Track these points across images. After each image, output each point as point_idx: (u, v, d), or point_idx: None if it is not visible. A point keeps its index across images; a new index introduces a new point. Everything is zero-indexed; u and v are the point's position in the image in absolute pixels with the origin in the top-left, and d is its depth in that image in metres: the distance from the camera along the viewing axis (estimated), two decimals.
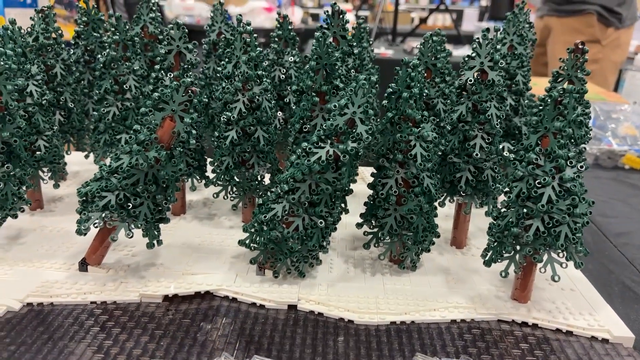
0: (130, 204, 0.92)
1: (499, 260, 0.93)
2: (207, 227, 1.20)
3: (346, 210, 1.02)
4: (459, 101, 1.03)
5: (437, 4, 4.92)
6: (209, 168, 1.18)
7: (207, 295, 0.96)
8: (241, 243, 0.99)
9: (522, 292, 0.95)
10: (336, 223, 0.97)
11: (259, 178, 1.15)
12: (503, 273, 0.92)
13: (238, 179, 1.14)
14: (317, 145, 0.91)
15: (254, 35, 1.08)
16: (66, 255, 1.04)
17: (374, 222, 1.02)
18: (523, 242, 0.89)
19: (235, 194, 1.17)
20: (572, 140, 0.90)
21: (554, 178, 0.86)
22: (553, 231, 0.86)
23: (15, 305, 0.89)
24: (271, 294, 0.94)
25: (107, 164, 0.92)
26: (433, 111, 1.09)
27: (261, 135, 1.10)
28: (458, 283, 1.01)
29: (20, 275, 0.97)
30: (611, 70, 2.87)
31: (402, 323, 0.90)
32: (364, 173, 1.60)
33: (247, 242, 0.98)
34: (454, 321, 0.92)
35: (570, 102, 0.86)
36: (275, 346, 0.84)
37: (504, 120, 1.15)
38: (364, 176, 1.57)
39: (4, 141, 0.95)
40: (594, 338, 0.89)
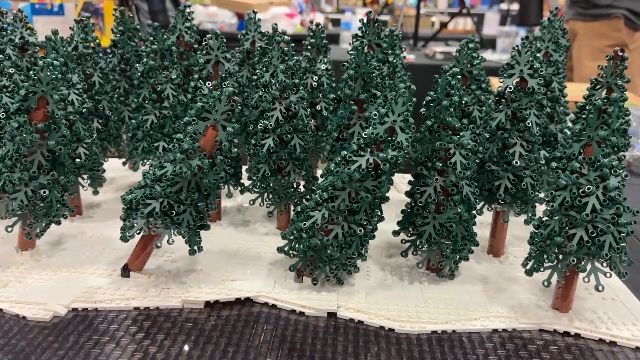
0: (173, 211, 0.93)
1: (541, 269, 0.92)
2: (243, 234, 1.21)
3: (382, 217, 1.02)
4: (498, 109, 1.03)
5: (459, 8, 4.90)
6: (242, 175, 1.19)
7: (247, 301, 0.97)
8: (280, 250, 1.00)
9: (564, 302, 0.94)
10: (375, 231, 0.97)
11: (295, 185, 1.16)
12: (546, 282, 0.91)
13: (274, 186, 1.15)
14: (357, 153, 0.91)
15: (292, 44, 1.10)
16: (107, 261, 1.06)
17: (412, 230, 1.02)
18: (566, 252, 0.88)
19: (270, 201, 1.18)
20: (615, 148, 0.90)
21: (598, 187, 0.85)
22: (597, 240, 0.85)
23: (61, 310, 0.91)
24: (310, 301, 0.95)
25: (152, 172, 0.94)
26: (469, 118, 1.09)
27: (297, 142, 1.11)
28: (497, 292, 1.01)
29: (64, 280, 0.99)
30: (638, 74, 2.83)
31: (443, 332, 0.90)
32: (394, 179, 1.60)
33: (286, 249, 0.99)
34: (495, 330, 0.91)
35: (614, 111, 0.85)
36: (317, 353, 0.84)
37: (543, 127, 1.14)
38: (395, 183, 1.57)
39: (50, 149, 0.97)
40: (639, 349, 0.88)
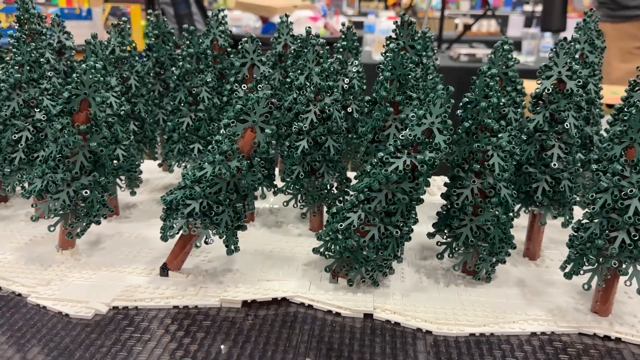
0: (212, 212, 0.95)
1: (581, 272, 0.91)
2: (277, 235, 1.22)
3: (416, 219, 1.02)
4: (535, 110, 1.02)
5: (484, 10, 4.86)
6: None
7: (283, 301, 0.98)
8: (315, 251, 1.00)
9: (604, 305, 0.93)
10: (410, 232, 0.97)
11: (328, 187, 1.16)
12: (586, 286, 0.90)
13: (308, 188, 1.16)
14: (394, 155, 0.92)
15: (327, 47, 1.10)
16: (146, 260, 1.08)
17: (448, 232, 1.02)
18: (607, 255, 0.87)
19: (304, 203, 1.19)
20: None
21: None
22: (639, 243, 0.84)
23: (102, 308, 0.93)
24: (346, 302, 0.95)
25: (191, 174, 0.95)
26: (504, 120, 1.08)
27: (331, 144, 1.12)
28: (535, 295, 1.00)
29: (104, 279, 1.01)
30: None
31: (482, 335, 0.90)
32: None
33: (322, 250, 0.99)
34: (534, 334, 0.91)
35: None
36: (355, 354, 0.85)
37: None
38: None
39: (91, 150, 0.99)
40: None
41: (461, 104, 0.98)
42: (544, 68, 1.01)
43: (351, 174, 1.20)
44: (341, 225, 0.95)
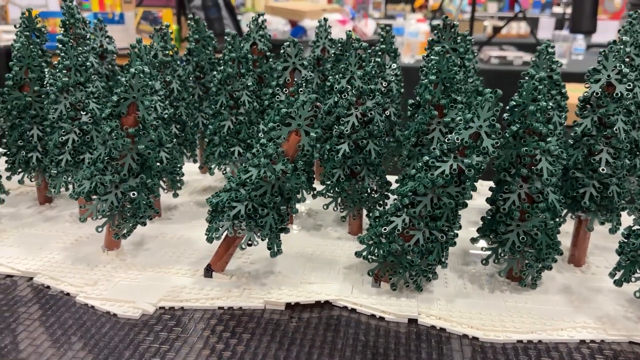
0: (257, 214, 0.95)
1: (632, 280, 0.89)
2: (316, 238, 1.22)
3: (460, 225, 1.01)
4: (583, 114, 1.00)
5: (515, 13, 4.80)
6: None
7: (326, 304, 0.98)
8: (358, 255, 1.00)
9: None
10: (456, 237, 0.96)
11: (369, 190, 1.16)
12: (637, 293, 0.88)
13: (348, 191, 1.16)
14: (440, 159, 0.91)
15: (369, 50, 1.10)
16: (189, 261, 1.09)
17: (493, 238, 1.01)
18: None
19: (344, 206, 1.19)
20: None
21: None
22: None
23: (149, 308, 0.94)
24: (390, 307, 0.95)
25: (237, 176, 0.96)
26: (549, 124, 1.07)
27: (372, 148, 1.11)
28: (582, 302, 0.98)
29: (149, 280, 1.02)
30: None
31: (529, 342, 0.88)
32: None
33: (365, 254, 0.99)
34: (583, 341, 0.89)
35: None
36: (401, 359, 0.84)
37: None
38: None
39: (139, 153, 1.01)
40: None
41: (508, 108, 0.97)
42: (592, 71, 0.99)
43: (387, 178, 1.20)
44: (385, 229, 0.94)
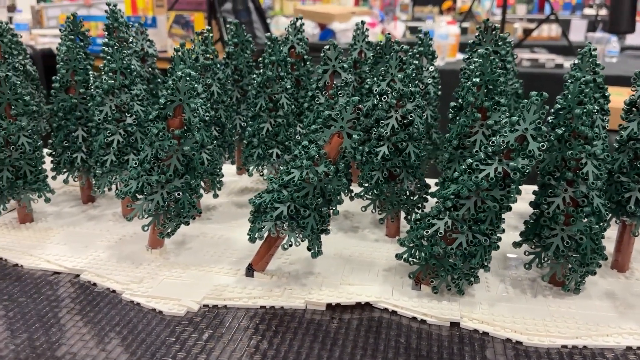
0: (299, 215, 0.97)
1: None
2: (354, 240, 1.23)
3: (503, 228, 1.00)
4: (629, 118, 0.99)
5: (547, 15, 4.73)
6: None
7: (367, 306, 0.98)
8: (398, 257, 1.00)
9: None
10: (499, 241, 0.96)
11: (408, 193, 1.16)
12: None
13: (387, 194, 1.16)
14: (484, 162, 0.91)
15: (409, 53, 1.11)
16: (230, 261, 1.11)
17: (536, 242, 1.00)
18: None
19: (382, 208, 1.19)
20: None
21: None
22: None
23: (194, 306, 0.96)
24: (432, 310, 0.95)
25: (279, 178, 0.98)
26: (594, 127, 1.05)
27: (412, 150, 1.12)
28: (627, 308, 0.96)
29: (192, 278, 1.04)
30: None
31: (574, 347, 0.87)
32: None
33: (405, 257, 0.99)
34: (630, 348, 0.87)
35: None
36: None
37: None
38: None
39: (184, 154, 1.03)
40: None
41: (552, 111, 0.96)
42: (639, 75, 0.97)
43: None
44: (427, 231, 0.94)
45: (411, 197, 1.17)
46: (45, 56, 4.22)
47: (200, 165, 1.18)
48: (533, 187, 1.02)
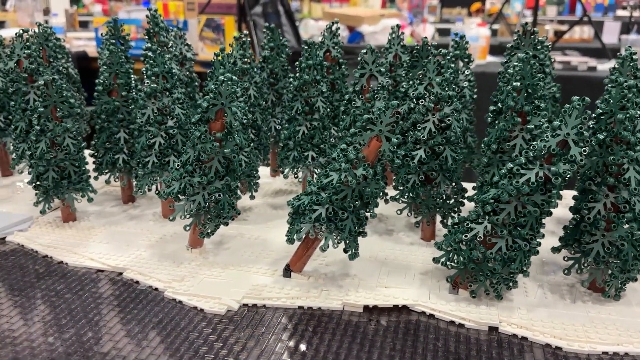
0: (338, 217, 0.98)
1: None
2: (388, 243, 1.23)
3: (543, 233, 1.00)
4: None
5: (580, 17, 4.65)
6: None
7: (404, 309, 0.99)
8: (436, 261, 1.01)
9: None
10: (539, 246, 0.95)
11: (444, 197, 1.16)
12: None
13: (423, 197, 1.17)
14: (525, 166, 0.91)
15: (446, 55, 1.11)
16: (268, 261, 1.13)
17: (576, 247, 0.99)
18: None
19: (418, 212, 1.19)
20: None
21: None
22: None
23: (234, 305, 0.98)
24: (470, 314, 0.95)
25: (316, 181, 0.99)
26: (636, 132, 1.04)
27: (449, 154, 1.12)
28: None
29: (231, 277, 1.07)
30: None
31: (615, 354, 0.86)
32: None
33: (443, 260, 1.00)
34: None
35: None
36: None
37: None
38: None
39: (225, 157, 1.06)
40: None
41: (594, 115, 0.96)
42: None
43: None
44: (465, 236, 0.95)
45: (447, 201, 1.17)
46: (79, 59, 4.33)
47: (239, 167, 1.21)
48: (570, 192, 1.02)
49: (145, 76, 1.25)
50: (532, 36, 1.14)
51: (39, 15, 5.67)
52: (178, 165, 1.06)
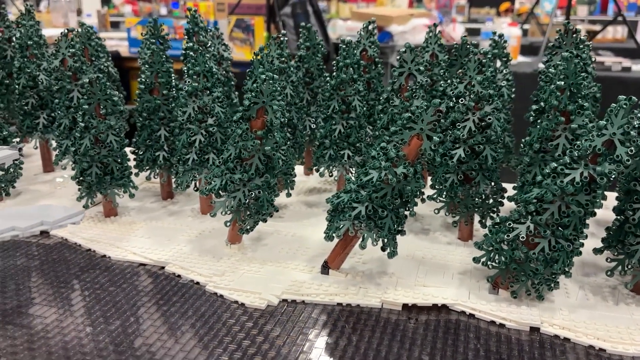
0: (377, 215, 0.98)
1: None
2: (425, 242, 1.23)
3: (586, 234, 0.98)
4: None
5: (614, 16, 4.55)
6: None
7: (443, 308, 0.99)
8: (476, 260, 1.00)
9: None
10: (582, 247, 0.94)
11: (483, 196, 1.16)
12: None
13: (461, 197, 1.16)
14: (570, 166, 0.90)
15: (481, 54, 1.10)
16: (305, 258, 1.14)
17: (620, 249, 0.98)
18: None
19: (456, 211, 1.19)
20: None
21: None
22: None
23: (274, 300, 1.00)
24: (511, 314, 0.94)
25: (356, 179, 1.00)
26: None
27: (489, 153, 1.11)
28: None
29: (270, 273, 1.08)
30: None
31: None
32: None
33: (484, 260, 0.99)
34: None
35: None
36: None
37: None
38: None
39: (265, 154, 1.07)
40: None
41: (638, 116, 0.94)
42: None
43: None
44: (508, 235, 0.94)
45: (486, 201, 1.17)
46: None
47: (278, 164, 1.22)
48: (611, 194, 1.00)
49: (186, 75, 1.27)
50: (575, 35, 1.12)
51: (73, 16, 5.80)
52: (219, 162, 1.08)
